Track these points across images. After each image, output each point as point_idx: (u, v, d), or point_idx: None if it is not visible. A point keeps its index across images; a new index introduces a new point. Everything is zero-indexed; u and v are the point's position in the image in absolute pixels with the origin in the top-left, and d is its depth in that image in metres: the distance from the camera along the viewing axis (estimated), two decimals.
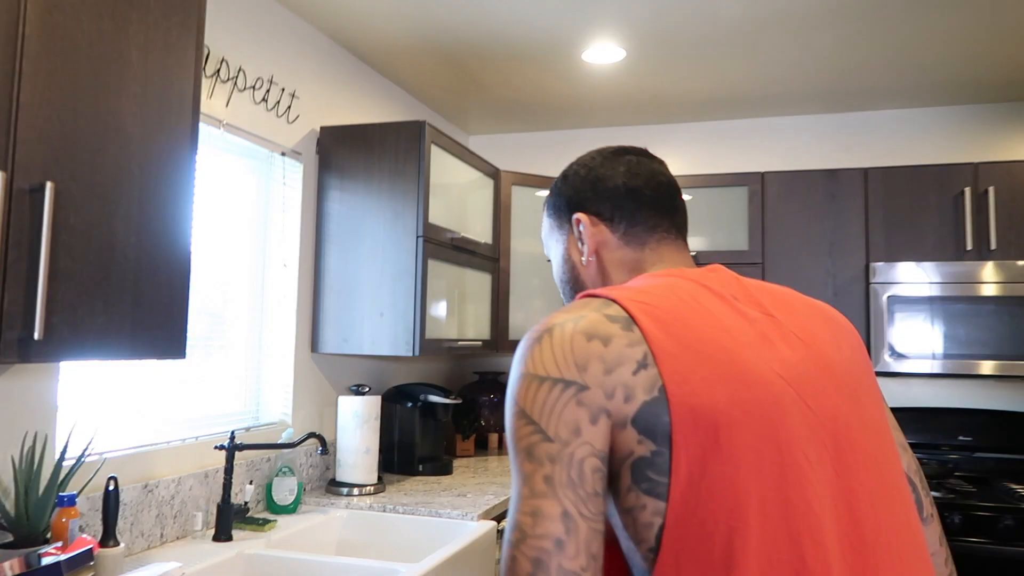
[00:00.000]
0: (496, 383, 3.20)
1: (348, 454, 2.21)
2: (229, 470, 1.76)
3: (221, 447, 1.75)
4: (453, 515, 2.00)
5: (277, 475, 2.02)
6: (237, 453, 1.88)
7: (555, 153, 3.48)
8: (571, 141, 3.46)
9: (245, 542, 1.74)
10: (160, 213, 1.24)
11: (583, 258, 0.93)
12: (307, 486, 2.24)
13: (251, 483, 1.84)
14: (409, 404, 2.56)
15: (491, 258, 2.80)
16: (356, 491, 2.18)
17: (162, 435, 1.78)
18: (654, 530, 0.71)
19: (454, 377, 3.40)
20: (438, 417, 2.62)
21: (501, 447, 3.25)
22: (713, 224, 2.94)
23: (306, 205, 2.30)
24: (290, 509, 2.02)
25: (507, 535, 0.70)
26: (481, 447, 3.22)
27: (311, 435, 1.91)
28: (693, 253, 2.91)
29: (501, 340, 2.99)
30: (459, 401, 2.58)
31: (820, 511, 0.70)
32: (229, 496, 1.75)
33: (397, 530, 2.02)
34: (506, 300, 2.98)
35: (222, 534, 1.73)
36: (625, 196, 0.91)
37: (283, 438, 2.04)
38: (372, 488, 2.21)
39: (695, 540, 0.69)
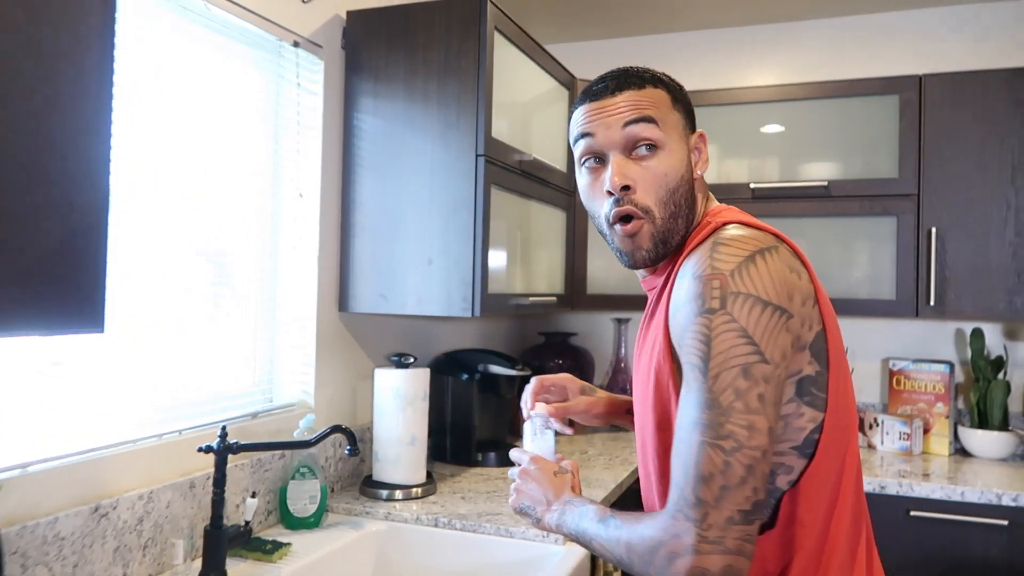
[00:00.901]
0: (566, 346, 2.63)
1: (388, 446, 1.68)
2: (220, 480, 1.24)
3: (208, 448, 1.23)
4: (529, 535, 1.46)
5: (294, 477, 1.50)
6: (232, 456, 1.36)
7: (640, 63, 2.83)
8: (659, 48, 2.80)
9: None
10: (45, 110, 0.68)
11: (696, 172, 1.00)
12: (335, 487, 1.73)
13: (254, 495, 1.33)
14: (465, 377, 2.01)
15: (566, 191, 2.20)
16: (399, 494, 1.66)
17: (125, 432, 1.26)
18: (804, 433, 0.87)
19: (513, 339, 2.85)
20: (501, 392, 2.07)
21: (571, 425, 2.70)
22: (848, 145, 2.28)
23: (329, 115, 1.73)
24: (311, 523, 1.51)
25: (710, 437, 0.79)
26: None
27: (334, 429, 1.38)
28: (824, 183, 2.27)
29: (578, 295, 2.41)
30: (528, 372, 2.03)
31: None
32: (221, 515, 1.24)
33: (453, 556, 1.50)
34: (583, 244, 2.39)
35: (212, 570, 1.22)
36: None
37: (301, 427, 1.52)
38: (420, 490, 1.68)
39: (836, 439, 0.88)
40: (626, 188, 0.94)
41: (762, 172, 2.38)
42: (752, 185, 2.33)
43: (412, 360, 1.75)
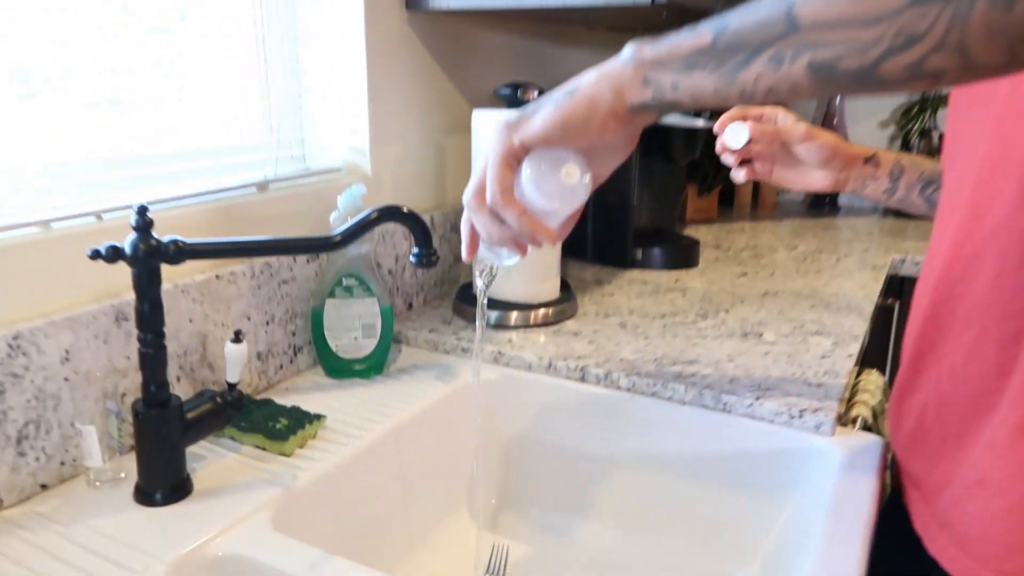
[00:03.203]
0: None
1: None
2: (149, 313, 0.60)
3: (97, 254, 0.57)
4: (763, 410, 0.78)
5: (334, 294, 0.85)
6: (200, 265, 0.69)
7: None
8: None
9: (216, 499, 0.63)
10: None
11: None
12: (409, 304, 1.08)
13: (237, 337, 0.69)
14: None
15: None
16: (515, 317, 0.99)
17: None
18: None
19: None
20: (674, 156, 1.30)
21: (756, 202, 1.92)
22: None
23: None
24: (367, 370, 0.88)
25: None
26: (727, 203, 1.91)
27: (387, 214, 0.68)
28: None
29: None
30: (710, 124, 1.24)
31: None
32: (157, 379, 0.61)
33: (614, 437, 0.85)
34: None
35: (152, 477, 0.62)
36: None
37: (341, 207, 0.84)
38: (551, 311, 1.01)
39: None
40: None
41: None
42: None
43: (536, 94, 1.00)
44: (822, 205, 1.91)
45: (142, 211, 0.58)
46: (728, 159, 0.81)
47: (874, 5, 0.37)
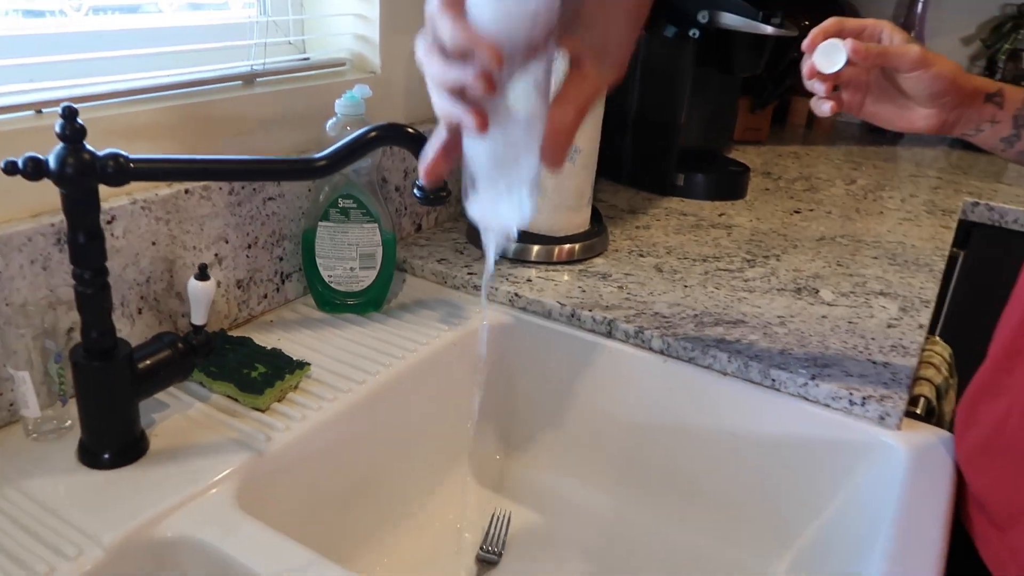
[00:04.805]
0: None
1: None
2: (85, 243, 0.48)
3: (11, 168, 0.45)
4: (819, 392, 0.66)
5: (327, 217, 0.73)
6: (153, 186, 0.57)
7: None
8: None
9: (173, 463, 0.54)
10: None
11: None
12: (416, 229, 0.96)
13: (202, 273, 0.58)
14: (673, 31, 1.07)
15: None
16: (537, 252, 0.87)
17: None
18: None
19: None
20: (734, 66, 1.13)
21: (811, 123, 1.74)
22: None
23: None
24: (363, 305, 0.77)
25: None
26: (779, 122, 1.72)
27: (386, 133, 0.55)
28: None
29: None
30: (793, 33, 1.06)
31: None
32: (98, 321, 0.51)
33: (635, 404, 0.74)
34: None
35: (101, 442, 0.53)
36: None
37: (340, 112, 0.70)
38: (578, 247, 0.88)
39: None
40: None
41: None
42: None
43: None
44: (883, 130, 1.72)
45: (69, 114, 0.45)
46: (817, 87, 0.65)
47: None
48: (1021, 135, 0.63)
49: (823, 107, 0.67)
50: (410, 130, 0.56)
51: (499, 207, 0.41)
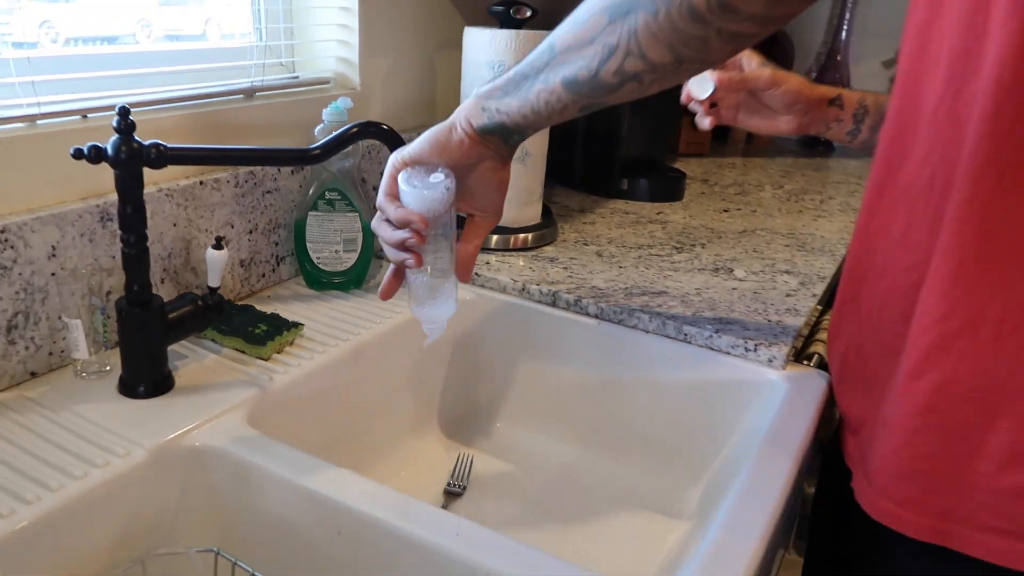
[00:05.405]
0: None
1: None
2: (133, 215, 0.62)
3: (80, 153, 0.59)
4: (720, 342, 0.81)
5: (316, 207, 0.87)
6: (179, 170, 0.71)
7: None
8: None
9: (195, 395, 0.67)
10: None
11: None
12: None
13: (218, 244, 0.72)
14: None
15: None
16: (495, 240, 1.02)
17: None
18: None
19: None
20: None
21: (751, 138, 1.92)
22: None
23: None
24: (346, 283, 0.91)
25: None
26: (721, 138, 1.90)
27: (365, 130, 0.70)
28: None
29: None
30: None
31: None
32: (139, 278, 0.64)
33: (572, 362, 0.89)
34: None
35: (134, 371, 0.66)
36: None
37: (327, 119, 0.85)
38: (530, 236, 1.03)
39: None
40: None
41: None
42: None
43: (529, 15, 0.99)
44: (816, 144, 1.91)
45: (124, 113, 0.59)
46: (694, 107, 0.82)
47: (589, 29, 0.51)
48: (860, 129, 0.80)
49: (704, 122, 0.85)
50: (384, 126, 0.71)
51: (432, 310, 0.63)
